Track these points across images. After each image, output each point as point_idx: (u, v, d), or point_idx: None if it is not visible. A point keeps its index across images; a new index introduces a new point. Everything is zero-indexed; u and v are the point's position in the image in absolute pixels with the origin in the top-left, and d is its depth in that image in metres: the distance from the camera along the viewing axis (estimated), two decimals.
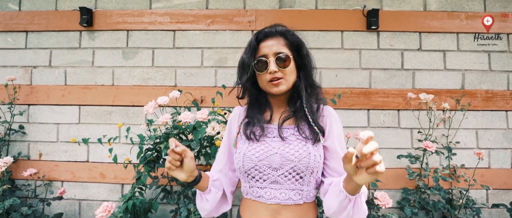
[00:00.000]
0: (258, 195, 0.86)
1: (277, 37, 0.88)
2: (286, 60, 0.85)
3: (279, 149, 0.84)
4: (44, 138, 1.88)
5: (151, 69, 1.88)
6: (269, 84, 0.86)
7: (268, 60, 0.84)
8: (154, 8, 1.91)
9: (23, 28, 1.91)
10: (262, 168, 0.84)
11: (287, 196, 0.84)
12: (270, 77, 0.84)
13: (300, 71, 0.91)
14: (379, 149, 1.81)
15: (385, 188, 1.77)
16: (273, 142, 0.86)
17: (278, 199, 0.83)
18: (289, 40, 0.89)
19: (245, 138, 0.88)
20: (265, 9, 1.88)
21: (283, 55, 0.84)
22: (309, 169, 0.82)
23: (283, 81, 0.85)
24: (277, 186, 0.84)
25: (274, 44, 0.86)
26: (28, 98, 1.88)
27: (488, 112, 1.81)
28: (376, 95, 1.82)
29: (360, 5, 1.86)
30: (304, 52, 0.90)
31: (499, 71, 1.83)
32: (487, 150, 1.80)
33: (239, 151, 0.88)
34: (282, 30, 0.89)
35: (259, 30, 0.90)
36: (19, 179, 1.84)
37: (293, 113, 0.88)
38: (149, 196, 1.75)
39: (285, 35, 0.89)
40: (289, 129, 0.87)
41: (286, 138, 0.85)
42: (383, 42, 1.85)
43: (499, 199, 1.77)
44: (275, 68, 0.84)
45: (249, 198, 0.89)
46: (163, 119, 1.37)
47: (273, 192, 0.84)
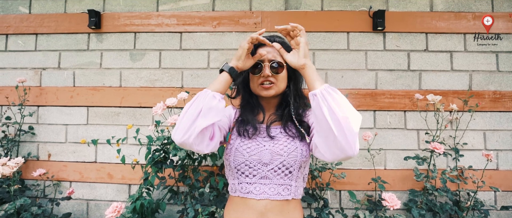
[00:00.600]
0: (247, 191, 0.89)
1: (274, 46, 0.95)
2: (280, 68, 0.92)
3: (269, 146, 0.89)
4: (53, 138, 1.91)
5: (158, 71, 1.90)
6: (260, 87, 0.93)
7: (263, 64, 0.92)
8: (161, 10, 1.93)
9: (33, 31, 1.95)
10: (253, 163, 0.88)
11: (276, 191, 0.88)
12: (262, 80, 0.92)
13: (290, 81, 0.98)
14: (386, 149, 1.80)
15: (392, 189, 1.76)
16: (263, 140, 0.92)
17: (267, 194, 0.87)
18: (286, 49, 0.94)
19: (237, 134, 0.94)
20: (271, 11, 1.89)
21: (278, 62, 0.92)
22: (298, 163, 0.88)
23: (274, 86, 0.92)
24: (266, 181, 0.88)
25: (271, 51, 0.93)
26: (38, 100, 1.91)
27: (496, 113, 1.80)
28: (382, 96, 1.82)
29: (366, 6, 1.86)
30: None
31: (507, 72, 1.82)
32: (495, 151, 1.78)
33: (230, 146, 0.93)
34: (280, 41, 0.96)
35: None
36: (29, 179, 1.87)
37: (280, 116, 0.96)
38: (156, 196, 1.76)
39: (282, 44, 0.95)
40: (276, 129, 0.94)
41: (274, 137, 0.92)
42: (389, 43, 1.85)
43: (508, 201, 1.75)
44: (268, 73, 0.91)
45: (237, 196, 0.92)
46: (171, 120, 1.38)
47: (263, 187, 0.88)
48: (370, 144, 1.76)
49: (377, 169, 1.78)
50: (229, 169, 0.95)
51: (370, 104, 1.82)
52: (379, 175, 1.71)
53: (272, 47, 0.93)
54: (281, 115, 0.96)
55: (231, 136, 0.95)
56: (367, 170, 1.79)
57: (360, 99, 1.82)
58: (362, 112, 1.83)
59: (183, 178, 1.59)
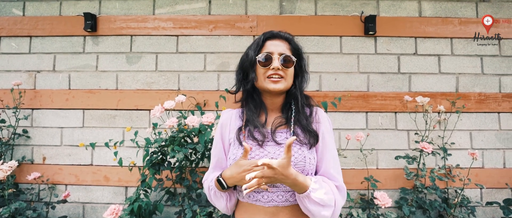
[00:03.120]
0: (255, 199, 0.86)
1: (283, 41, 0.91)
2: (290, 63, 0.88)
3: (274, 154, 0.84)
4: (48, 141, 1.89)
5: (154, 74, 1.91)
6: (267, 80, 0.87)
7: (273, 56, 0.87)
8: (157, 13, 1.95)
9: (27, 33, 1.93)
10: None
11: (284, 198, 0.85)
12: (271, 73, 0.86)
13: (296, 79, 0.93)
14: (378, 150, 1.86)
15: (384, 188, 1.82)
16: (268, 147, 0.86)
17: (275, 202, 0.85)
18: (293, 47, 0.92)
19: (239, 144, 0.88)
20: (266, 15, 1.93)
21: (288, 57, 0.87)
22: (305, 172, 0.84)
23: (282, 80, 0.87)
24: (274, 189, 0.85)
25: (281, 45, 0.89)
26: (32, 103, 1.90)
27: (481, 113, 1.88)
28: (374, 98, 1.88)
29: (358, 12, 1.92)
30: (303, 63, 0.94)
31: (491, 75, 1.91)
32: (481, 151, 1.87)
33: (233, 156, 0.88)
34: (289, 36, 0.93)
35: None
36: (23, 183, 1.85)
37: (286, 119, 0.90)
38: (153, 198, 1.77)
39: (290, 42, 0.93)
40: (283, 133, 0.88)
41: (280, 143, 0.86)
42: (380, 47, 1.92)
43: (492, 197, 1.84)
44: (278, 66, 0.85)
45: (246, 201, 0.89)
46: (169, 123, 1.40)
47: (270, 195, 0.85)
48: (362, 144, 1.82)
49: (369, 168, 1.84)
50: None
51: (362, 106, 1.88)
52: (371, 174, 1.77)
53: (282, 42, 0.90)
54: (287, 117, 0.90)
55: (231, 146, 0.91)
56: (360, 169, 1.85)
57: (352, 102, 1.88)
58: (355, 114, 1.89)
59: (180, 180, 1.61)
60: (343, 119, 1.88)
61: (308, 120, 0.90)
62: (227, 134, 0.94)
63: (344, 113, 1.88)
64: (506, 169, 1.85)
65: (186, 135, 1.53)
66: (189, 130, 1.52)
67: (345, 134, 1.86)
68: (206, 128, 1.48)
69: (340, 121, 1.88)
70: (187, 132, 1.52)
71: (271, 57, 0.87)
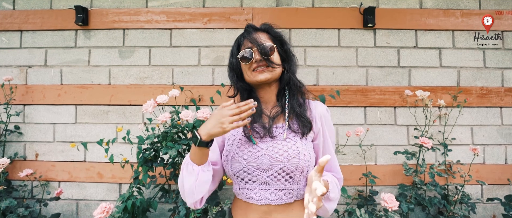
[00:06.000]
0: (248, 197, 0.86)
1: (261, 32, 0.90)
2: (271, 50, 0.86)
3: (268, 150, 0.83)
4: (40, 138, 1.86)
5: (148, 68, 1.87)
6: (253, 73, 0.86)
7: (252, 50, 0.86)
8: (150, 6, 1.90)
9: (18, 28, 1.89)
10: (251, 169, 0.84)
11: (277, 196, 0.84)
12: (255, 66, 0.86)
13: (285, 63, 0.92)
14: (377, 145, 1.82)
15: (382, 184, 1.79)
16: (261, 142, 0.86)
17: (268, 200, 0.84)
18: (272, 35, 0.91)
19: (232, 141, 0.88)
20: (262, 7, 1.88)
21: (267, 45, 0.86)
22: (299, 169, 0.82)
23: (267, 69, 0.86)
24: (266, 187, 0.84)
25: (259, 37, 0.87)
26: (24, 98, 1.86)
27: (483, 108, 1.84)
28: (372, 92, 1.84)
29: (357, 3, 1.87)
30: (286, 48, 0.92)
31: (493, 68, 1.85)
32: (482, 146, 1.82)
33: (227, 152, 0.88)
34: (265, 27, 0.92)
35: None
36: (15, 180, 1.82)
37: (281, 107, 0.89)
38: (146, 195, 1.74)
39: (268, 31, 0.91)
40: (278, 127, 0.88)
41: (275, 137, 0.86)
42: (379, 40, 1.86)
43: (493, 193, 1.80)
44: (259, 57, 0.85)
45: (240, 199, 0.89)
46: (162, 118, 1.37)
47: (263, 193, 0.84)
48: (361, 140, 1.78)
49: (368, 164, 1.80)
50: (228, 174, 0.90)
51: (361, 100, 1.83)
52: (369, 170, 1.73)
53: (260, 34, 0.88)
54: (281, 105, 0.89)
55: (225, 142, 0.91)
56: (358, 165, 1.81)
57: (351, 96, 1.83)
58: (353, 108, 1.84)
59: (174, 176, 1.58)
60: (341, 114, 1.84)
61: (302, 107, 0.90)
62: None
63: (342, 108, 1.84)
64: (508, 165, 1.81)
65: (180, 130, 1.49)
66: (182, 126, 1.48)
67: (342, 129, 1.81)
68: (200, 123, 1.44)
69: (338, 116, 1.84)
70: (180, 128, 1.48)
71: (250, 51, 0.86)
